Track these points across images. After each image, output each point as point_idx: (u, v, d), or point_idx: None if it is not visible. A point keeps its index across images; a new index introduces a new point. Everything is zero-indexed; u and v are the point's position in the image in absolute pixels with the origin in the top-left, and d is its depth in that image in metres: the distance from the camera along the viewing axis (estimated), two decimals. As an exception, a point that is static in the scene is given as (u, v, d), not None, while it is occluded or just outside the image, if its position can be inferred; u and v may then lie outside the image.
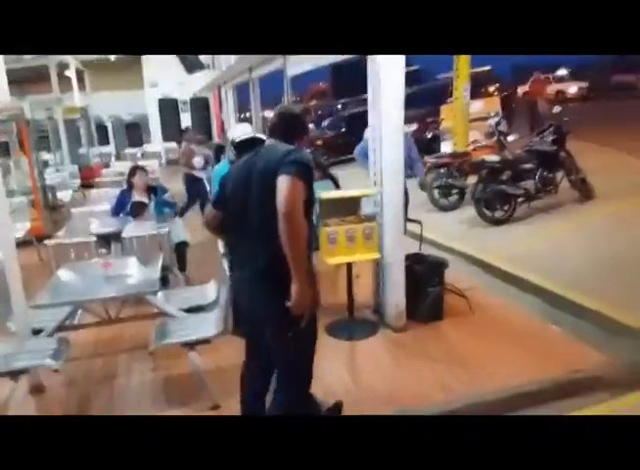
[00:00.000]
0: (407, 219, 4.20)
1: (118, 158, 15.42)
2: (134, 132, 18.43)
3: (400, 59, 3.87)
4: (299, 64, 6.88)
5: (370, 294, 4.38)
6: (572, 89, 25.98)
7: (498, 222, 6.35)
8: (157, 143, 17.22)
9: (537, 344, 3.71)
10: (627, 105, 20.54)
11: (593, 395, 3.15)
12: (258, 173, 2.27)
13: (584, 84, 26.92)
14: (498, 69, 18.02)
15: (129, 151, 15.74)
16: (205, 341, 3.22)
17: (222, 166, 3.97)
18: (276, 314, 2.26)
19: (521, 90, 26.42)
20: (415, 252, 4.35)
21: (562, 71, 31.82)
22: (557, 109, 7.20)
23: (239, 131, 3.74)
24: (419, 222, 4.31)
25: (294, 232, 2.08)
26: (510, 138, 7.38)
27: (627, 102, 20.69)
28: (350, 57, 6.89)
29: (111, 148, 16.98)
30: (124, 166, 11.13)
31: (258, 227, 2.27)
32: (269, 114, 22.21)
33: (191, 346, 3.17)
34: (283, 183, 2.10)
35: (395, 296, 4.03)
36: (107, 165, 13.10)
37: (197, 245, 5.67)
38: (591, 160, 7.51)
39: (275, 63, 8.08)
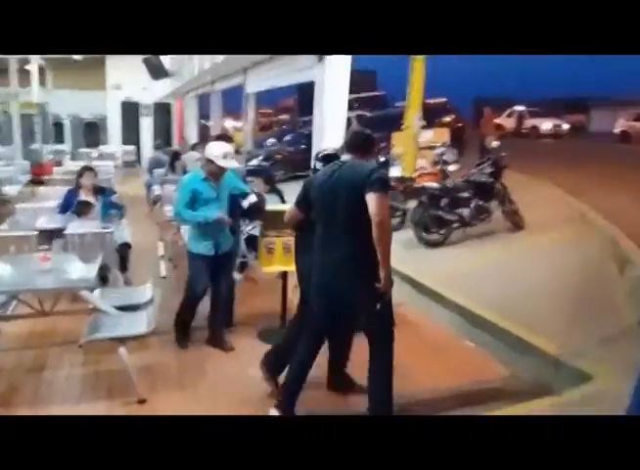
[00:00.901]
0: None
1: (74, 157, 15.21)
2: (92, 133, 18.23)
3: (344, 84, 4.19)
4: (258, 82, 7.13)
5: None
6: (546, 126, 25.71)
7: (434, 245, 6.71)
8: (115, 145, 17.08)
9: (452, 357, 4.01)
10: (573, 143, 21.87)
11: (492, 404, 3.45)
12: (346, 184, 2.86)
13: (559, 121, 26.71)
14: (459, 101, 18.87)
15: (85, 150, 15.55)
16: (135, 337, 3.36)
17: (191, 178, 4.00)
18: (368, 288, 2.82)
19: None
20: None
21: (519, 108, 33.16)
22: (495, 143, 7.71)
23: (218, 149, 3.91)
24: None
25: (384, 233, 2.74)
26: (451, 168, 7.80)
27: (575, 141, 22.06)
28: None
29: (66, 146, 16.72)
30: (76, 166, 11.08)
31: (344, 225, 2.88)
32: (231, 123, 22.11)
33: (120, 341, 3.29)
34: (375, 200, 2.73)
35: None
36: (59, 164, 12.92)
37: (140, 248, 5.77)
38: (526, 192, 8.03)
39: (236, 79, 8.31)
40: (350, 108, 4.81)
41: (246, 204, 4.18)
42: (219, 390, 3.58)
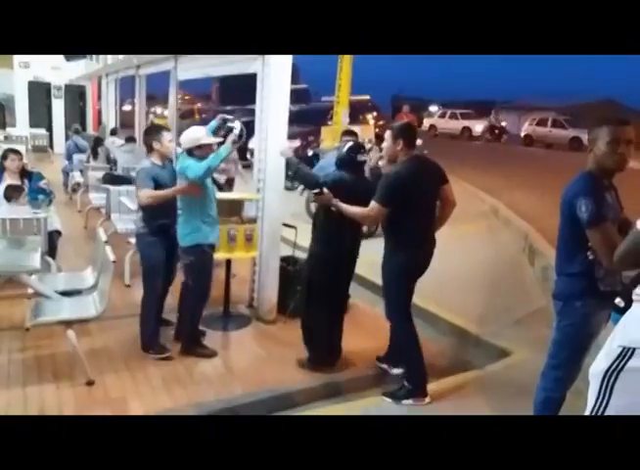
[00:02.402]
0: (284, 224, 4.61)
1: (-24, 139, 14.04)
2: (-5, 113, 16.91)
3: (287, 75, 4.32)
4: (190, 70, 7.04)
5: (246, 290, 4.72)
6: (479, 127, 25.74)
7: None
8: (22, 127, 15.94)
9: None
10: (482, 145, 23.38)
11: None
12: (432, 179, 3.37)
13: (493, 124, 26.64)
14: (378, 98, 19.49)
15: (-10, 132, 14.41)
16: (83, 320, 3.33)
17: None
18: None
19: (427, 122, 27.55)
20: (288, 254, 4.78)
21: (433, 108, 34.47)
22: (418, 141, 8.16)
23: (194, 133, 3.71)
24: (294, 228, 4.74)
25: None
26: (380, 163, 8.16)
27: (484, 143, 23.57)
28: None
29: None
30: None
31: (432, 215, 3.41)
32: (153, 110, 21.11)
33: (68, 324, 3.26)
34: (451, 189, 3.46)
35: (269, 292, 4.42)
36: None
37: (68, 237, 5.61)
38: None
39: (165, 64, 8.12)
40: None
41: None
42: (169, 370, 3.64)
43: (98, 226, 5.67)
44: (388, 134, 3.36)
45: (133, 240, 5.40)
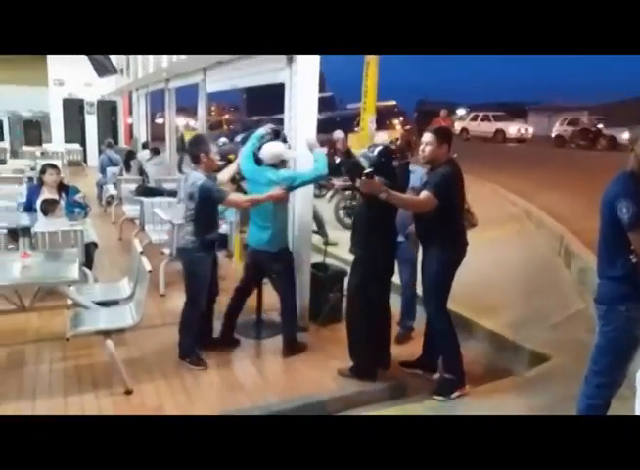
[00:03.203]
0: (314, 231, 4.64)
1: (15, 155, 14.55)
2: (33, 130, 17.46)
3: (315, 83, 4.35)
4: (219, 82, 7.16)
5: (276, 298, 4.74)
6: (512, 129, 25.14)
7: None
8: (58, 143, 16.45)
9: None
10: (514, 147, 23.04)
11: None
12: (463, 182, 3.51)
13: (525, 125, 26.26)
14: (404, 103, 19.44)
15: (27, 148, 14.90)
16: (121, 330, 3.40)
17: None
18: None
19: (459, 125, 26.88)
20: (319, 261, 4.79)
21: (461, 111, 34.00)
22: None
23: (275, 149, 3.92)
24: (325, 236, 4.77)
25: None
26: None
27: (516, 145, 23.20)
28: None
29: (5, 144, 15.94)
30: (22, 164, 10.64)
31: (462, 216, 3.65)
32: (183, 122, 21.60)
33: (106, 333, 3.33)
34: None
35: (301, 299, 4.43)
36: (2, 162, 12.37)
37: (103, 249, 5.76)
38: (475, 192, 8.48)
39: (194, 77, 8.29)
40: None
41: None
42: (205, 378, 3.69)
43: (133, 237, 5.81)
44: (431, 137, 3.41)
45: (167, 250, 5.53)
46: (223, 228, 5.62)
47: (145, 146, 11.58)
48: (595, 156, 18.89)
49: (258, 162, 3.95)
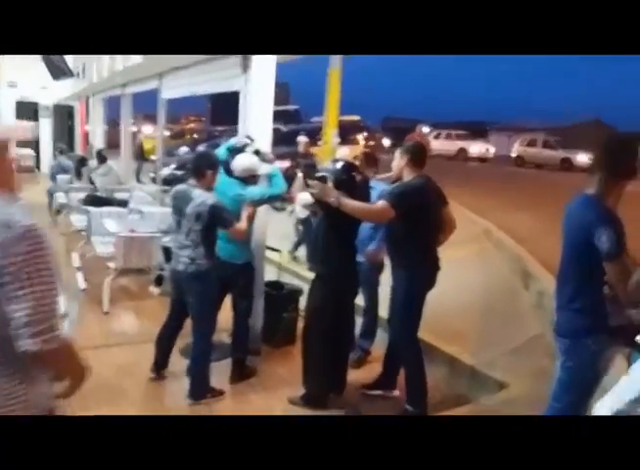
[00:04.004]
0: (268, 247, 4.42)
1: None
2: (-19, 133, 16.65)
3: (270, 92, 4.17)
4: (175, 88, 6.91)
5: (229, 318, 4.48)
6: (474, 148, 25.50)
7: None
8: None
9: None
10: (476, 167, 23.46)
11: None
12: (436, 199, 3.44)
13: (487, 145, 26.64)
14: (370, 119, 19.56)
15: (-26, 152, 14.16)
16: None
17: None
18: None
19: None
20: (274, 279, 4.57)
21: (424, 129, 34.60)
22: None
23: (247, 162, 3.72)
24: (279, 251, 4.56)
25: None
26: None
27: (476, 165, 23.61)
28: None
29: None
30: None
31: (437, 236, 3.51)
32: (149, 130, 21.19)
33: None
34: (451, 211, 3.67)
35: (253, 320, 4.19)
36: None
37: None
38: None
39: (150, 83, 8.01)
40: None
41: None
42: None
43: (76, 250, 5.47)
44: (399, 153, 3.37)
45: (113, 264, 5.20)
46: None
47: (99, 154, 11.14)
48: (552, 176, 19.44)
49: (228, 172, 3.73)
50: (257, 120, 4.19)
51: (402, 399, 3.54)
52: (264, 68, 4.14)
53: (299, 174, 3.41)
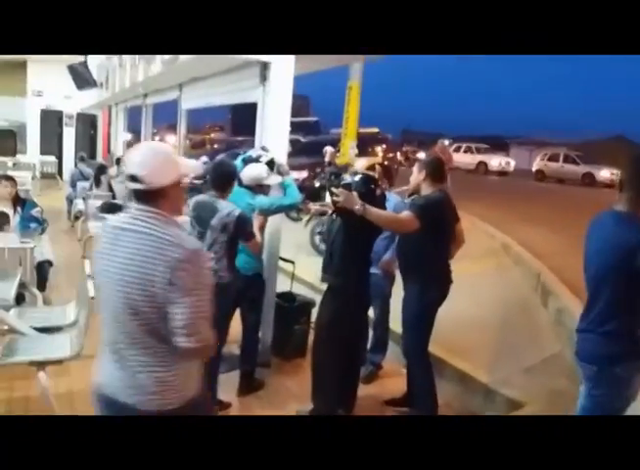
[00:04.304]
0: (280, 258, 4.37)
1: (-14, 165, 14.11)
2: (7, 141, 17.00)
3: (287, 104, 4.16)
4: (194, 99, 6.97)
5: (239, 329, 4.44)
6: (494, 162, 25.09)
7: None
8: (32, 154, 16.04)
9: (390, 384, 4.00)
10: (495, 181, 23.22)
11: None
12: (453, 215, 3.48)
13: (507, 158, 26.31)
14: (388, 132, 19.54)
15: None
16: (57, 362, 3.08)
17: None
18: None
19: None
20: (286, 290, 4.52)
21: (444, 142, 34.44)
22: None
23: (256, 172, 3.73)
24: (292, 262, 4.51)
25: None
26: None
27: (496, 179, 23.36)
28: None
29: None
30: (-9, 174, 10.27)
31: (449, 251, 3.50)
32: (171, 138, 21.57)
33: (40, 365, 3.00)
34: (462, 228, 3.62)
35: (263, 331, 4.14)
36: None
37: (61, 266, 5.41)
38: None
39: (170, 93, 8.10)
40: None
41: None
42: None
43: (88, 256, 5.49)
44: (417, 167, 3.38)
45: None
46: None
47: (118, 161, 11.28)
48: (574, 191, 19.14)
49: (240, 183, 3.73)
50: (274, 131, 4.18)
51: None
52: (282, 79, 4.13)
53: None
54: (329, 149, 3.68)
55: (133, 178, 1.68)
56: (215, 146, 23.92)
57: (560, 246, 7.99)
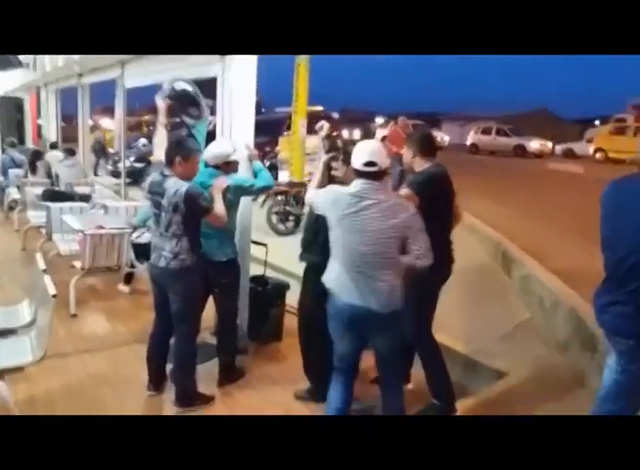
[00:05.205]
0: (253, 242, 4.16)
1: None
2: None
3: (252, 77, 3.91)
4: (141, 76, 6.50)
5: (211, 316, 4.21)
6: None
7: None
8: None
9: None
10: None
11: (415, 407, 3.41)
12: (450, 189, 3.23)
13: (441, 134, 26.35)
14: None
15: None
16: (18, 369, 2.77)
17: None
18: None
19: (379, 134, 27.26)
20: (258, 274, 4.32)
21: (379, 120, 34.49)
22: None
23: (222, 148, 3.50)
24: (264, 245, 4.31)
25: None
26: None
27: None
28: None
29: None
30: None
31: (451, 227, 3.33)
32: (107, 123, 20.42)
33: (-2, 374, 2.69)
34: (458, 203, 3.42)
35: (239, 318, 3.94)
36: None
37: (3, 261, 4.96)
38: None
39: (111, 71, 7.54)
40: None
41: None
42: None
43: (37, 250, 5.06)
44: (405, 146, 3.23)
45: (78, 263, 4.83)
46: (144, 237, 5.01)
47: (53, 146, 10.53)
48: (505, 162, 19.82)
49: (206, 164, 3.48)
50: (239, 111, 3.94)
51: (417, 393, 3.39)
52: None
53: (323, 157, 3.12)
54: (325, 124, 3.44)
55: (372, 164, 2.50)
56: (151, 128, 22.86)
57: (506, 215, 8.20)
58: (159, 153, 4.06)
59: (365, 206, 2.50)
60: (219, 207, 3.18)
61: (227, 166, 3.51)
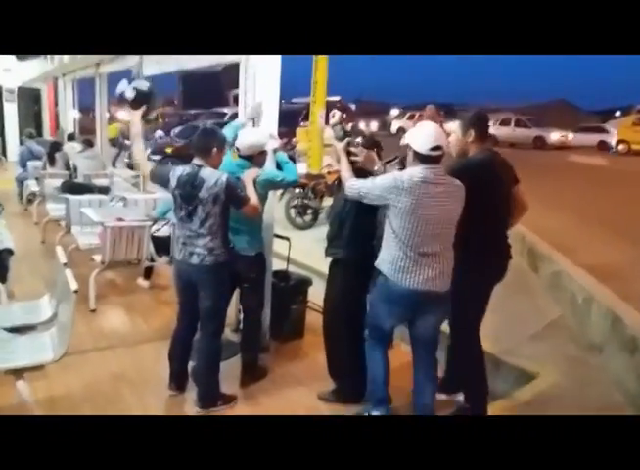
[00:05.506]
0: (275, 235, 4.05)
1: None
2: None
3: (277, 63, 3.77)
4: (161, 63, 6.38)
5: (233, 313, 4.12)
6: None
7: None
8: (-30, 134, 14.86)
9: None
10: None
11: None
12: (505, 178, 3.03)
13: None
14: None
15: None
16: (38, 367, 2.70)
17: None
18: None
19: (395, 125, 26.88)
20: (280, 269, 4.21)
21: (395, 111, 33.96)
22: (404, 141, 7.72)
23: (256, 137, 3.36)
24: (287, 239, 4.20)
25: None
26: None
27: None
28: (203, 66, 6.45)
29: None
30: None
31: (506, 219, 3.08)
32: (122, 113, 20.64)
33: (18, 373, 2.61)
34: (522, 191, 3.18)
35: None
36: None
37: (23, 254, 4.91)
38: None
39: (129, 60, 7.44)
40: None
41: None
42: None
43: (57, 243, 5.02)
44: (455, 126, 2.97)
45: (98, 257, 4.77)
46: (164, 230, 4.94)
47: (71, 138, 10.51)
48: (526, 154, 19.42)
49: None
50: (263, 94, 3.78)
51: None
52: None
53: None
54: (336, 112, 3.29)
55: (438, 148, 2.56)
56: (167, 120, 22.88)
57: (531, 209, 7.94)
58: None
59: (438, 192, 2.55)
60: (254, 197, 3.08)
61: (259, 157, 3.38)
